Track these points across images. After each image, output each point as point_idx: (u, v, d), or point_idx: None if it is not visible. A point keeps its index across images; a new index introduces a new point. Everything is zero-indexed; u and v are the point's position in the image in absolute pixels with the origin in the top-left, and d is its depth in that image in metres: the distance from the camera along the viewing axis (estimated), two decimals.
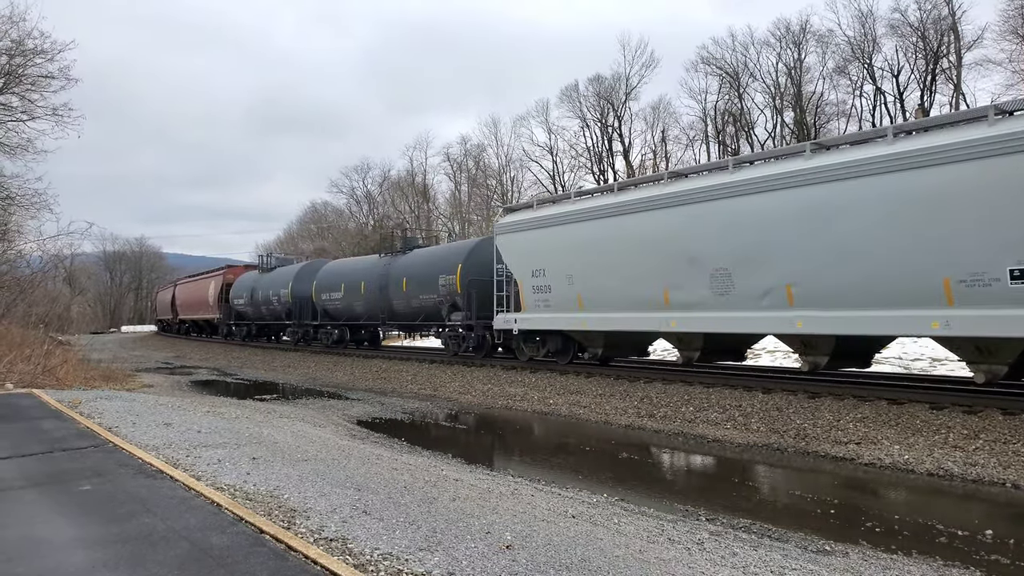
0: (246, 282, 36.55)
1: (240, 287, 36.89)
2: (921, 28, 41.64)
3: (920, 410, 10.24)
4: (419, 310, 22.63)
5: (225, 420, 10.93)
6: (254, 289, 34.59)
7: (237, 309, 37.11)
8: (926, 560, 5.59)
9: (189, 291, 48.08)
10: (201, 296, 43.83)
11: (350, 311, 26.79)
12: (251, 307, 34.96)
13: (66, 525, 4.99)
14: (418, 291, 22.29)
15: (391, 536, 4.81)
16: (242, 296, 36.11)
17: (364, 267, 26.61)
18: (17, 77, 21.65)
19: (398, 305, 23.59)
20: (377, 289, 24.36)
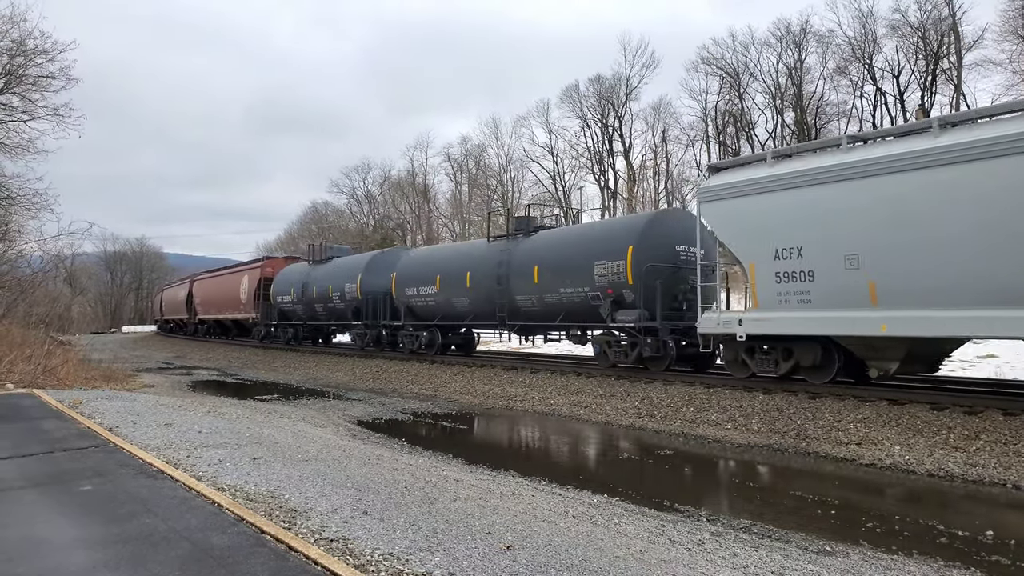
0: (293, 276, 30.71)
1: (285, 282, 30.94)
2: (921, 28, 41.65)
3: (921, 411, 10.24)
4: (558, 307, 17.59)
5: (226, 420, 10.93)
6: (305, 284, 28.75)
7: (282, 307, 30.92)
8: (927, 561, 5.59)
9: (213, 288, 41.95)
10: (230, 293, 37.81)
11: (447, 309, 21.27)
12: (301, 305, 29.15)
13: (67, 525, 4.99)
14: (558, 282, 17.31)
15: (392, 536, 4.81)
16: (288, 292, 30.22)
17: (468, 254, 21.25)
18: (18, 77, 21.67)
19: (525, 301, 18.25)
20: (491, 281, 19.21)
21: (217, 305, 40.64)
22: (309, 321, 29.54)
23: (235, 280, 37.57)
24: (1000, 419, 9.45)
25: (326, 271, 28.15)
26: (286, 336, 31.44)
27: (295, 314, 30.18)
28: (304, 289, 28.78)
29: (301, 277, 29.67)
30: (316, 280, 28.28)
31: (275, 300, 31.37)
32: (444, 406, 15.39)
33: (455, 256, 21.82)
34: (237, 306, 36.83)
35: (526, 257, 18.43)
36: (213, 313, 41.57)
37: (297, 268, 31.67)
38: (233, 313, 37.82)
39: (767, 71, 50.48)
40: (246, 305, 35.34)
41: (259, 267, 34.79)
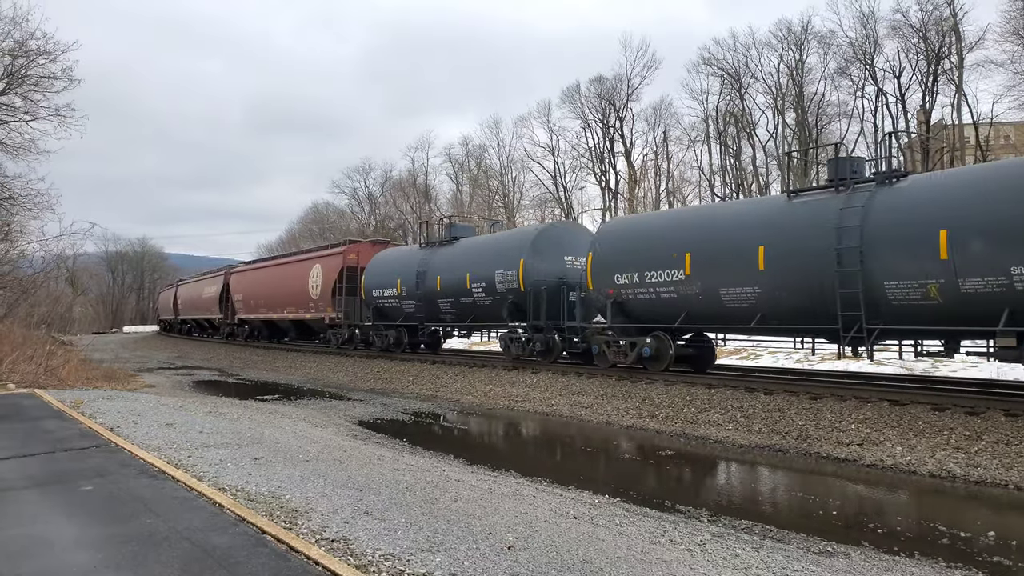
0: (397, 264, 23.99)
1: (384, 271, 24.31)
2: (923, 29, 41.59)
3: (922, 411, 10.22)
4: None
5: (227, 420, 10.94)
6: (422, 273, 22.01)
7: (381, 304, 24.25)
8: (928, 561, 5.58)
9: (265, 281, 33.93)
10: (293, 287, 29.81)
11: (712, 305, 13.84)
12: (414, 301, 22.46)
13: (68, 525, 4.99)
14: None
15: (393, 537, 4.81)
16: (391, 284, 23.54)
17: (740, 221, 13.79)
18: (20, 78, 21.71)
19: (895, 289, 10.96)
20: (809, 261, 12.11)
21: (271, 302, 32.44)
22: (428, 321, 22.67)
23: (300, 271, 29.61)
24: (1002, 420, 9.44)
25: (454, 255, 21.36)
26: (384, 341, 24.46)
27: (401, 312, 23.51)
28: (420, 280, 21.93)
29: (412, 264, 22.71)
30: (438, 268, 21.55)
31: (369, 295, 24.61)
32: (445, 406, 15.39)
33: (714, 225, 14.34)
34: (304, 303, 29.00)
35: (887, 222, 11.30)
36: (264, 312, 33.43)
37: (401, 254, 25.07)
38: (298, 312, 29.70)
39: (768, 71, 50.43)
40: (319, 302, 27.63)
41: (339, 253, 27.14)
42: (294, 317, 30.57)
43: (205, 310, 43.23)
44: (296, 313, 30.06)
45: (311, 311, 28.58)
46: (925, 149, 41.66)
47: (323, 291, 27.29)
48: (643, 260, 14.98)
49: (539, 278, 18.06)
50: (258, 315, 34.55)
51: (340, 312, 26.36)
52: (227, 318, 39.04)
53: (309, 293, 28.51)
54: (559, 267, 18.54)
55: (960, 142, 41.79)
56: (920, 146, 42.19)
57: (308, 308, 28.84)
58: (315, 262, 28.93)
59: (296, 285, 29.64)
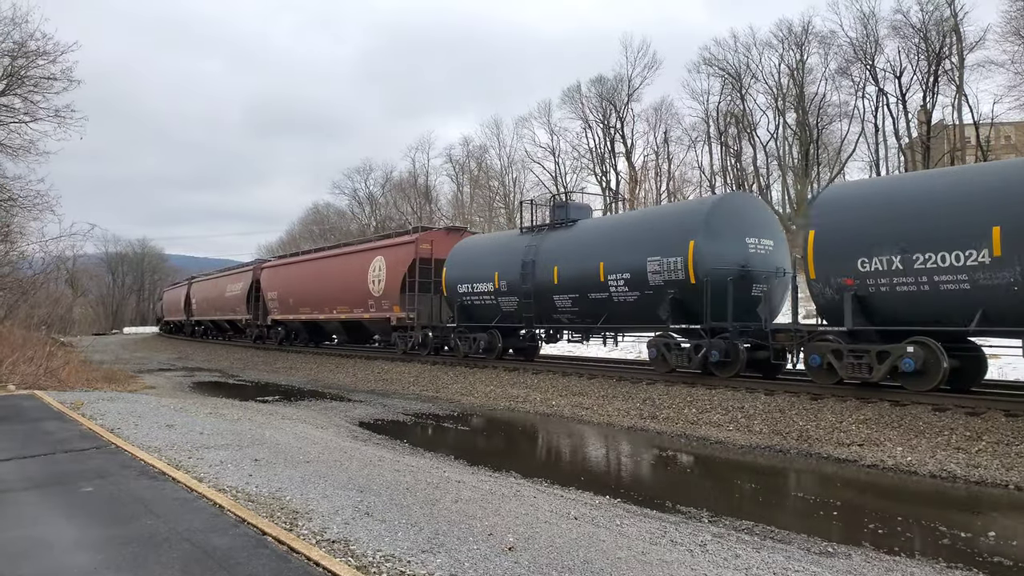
0: (493, 252, 19.83)
1: (472, 262, 20.29)
2: (923, 29, 41.63)
3: (923, 412, 10.22)
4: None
5: (227, 421, 10.94)
6: (530, 263, 17.83)
7: (469, 302, 20.19)
8: (929, 562, 5.57)
9: (306, 276, 29.58)
10: (347, 284, 25.67)
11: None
12: (518, 297, 18.21)
13: (68, 527, 4.99)
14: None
15: (393, 538, 4.81)
16: (483, 279, 19.48)
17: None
18: (20, 79, 21.71)
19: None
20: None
21: (316, 301, 28.33)
22: (540, 322, 18.21)
23: (357, 264, 25.44)
24: (1002, 420, 9.43)
25: (576, 240, 17.19)
26: (472, 346, 20.15)
27: (497, 312, 19.32)
28: (528, 272, 17.80)
29: (514, 253, 18.56)
30: (553, 256, 17.33)
31: (453, 292, 20.62)
32: (446, 407, 15.39)
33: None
34: (360, 301, 24.94)
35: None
36: (306, 312, 29.28)
37: (496, 241, 21.26)
38: (353, 312, 25.57)
39: (769, 72, 50.53)
40: (381, 300, 23.69)
41: (410, 242, 22.94)
42: (348, 318, 26.13)
43: (228, 310, 38.49)
44: (350, 313, 25.76)
45: (371, 311, 24.39)
46: (926, 149, 41.67)
47: (388, 287, 23.26)
48: (909, 237, 10.71)
49: (716, 266, 13.60)
50: (297, 316, 30.12)
51: (411, 311, 22.06)
52: (257, 319, 34.35)
53: (369, 289, 24.27)
54: (740, 251, 14.07)
55: (961, 142, 41.83)
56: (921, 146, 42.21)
57: (367, 307, 24.61)
58: (377, 253, 24.52)
59: (351, 281, 25.31)
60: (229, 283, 38.92)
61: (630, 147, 57.00)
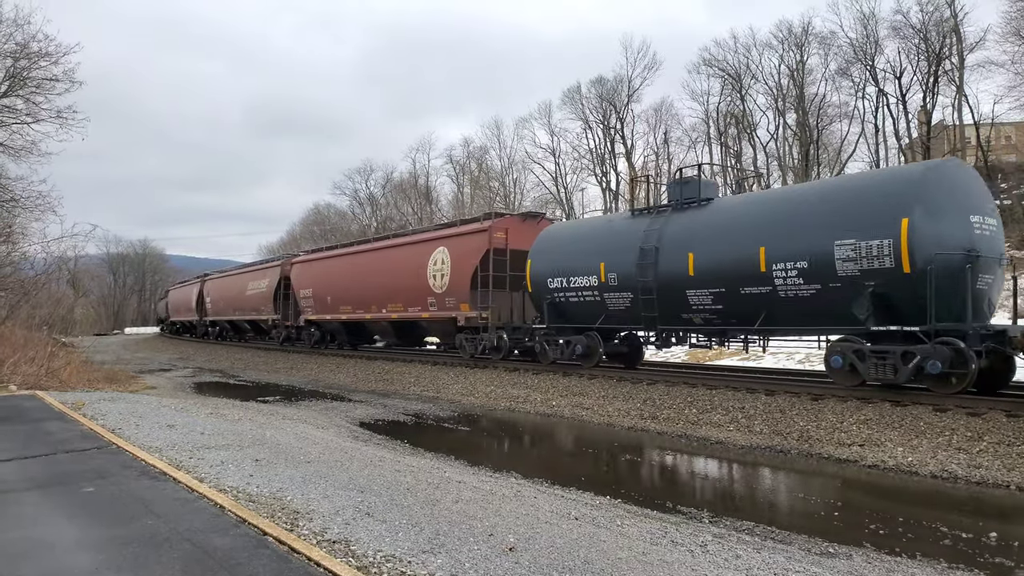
0: (595, 239, 16.70)
1: (566, 251, 17.13)
2: (923, 30, 41.59)
3: (924, 412, 10.21)
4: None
5: (228, 422, 10.94)
6: (649, 252, 14.69)
7: (562, 300, 17.08)
8: (930, 563, 5.57)
9: (343, 273, 26.72)
10: (401, 280, 22.74)
11: None
12: (633, 292, 15.14)
13: (69, 527, 5.00)
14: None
15: (394, 538, 4.81)
16: (583, 271, 16.38)
17: None
18: (22, 80, 21.72)
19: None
20: None
21: (360, 299, 25.29)
22: (665, 323, 14.80)
23: (413, 258, 22.43)
24: (1003, 421, 9.42)
25: (718, 221, 13.95)
26: (566, 350, 16.95)
27: (603, 310, 16.16)
28: (647, 262, 14.59)
29: (627, 239, 15.40)
30: (684, 242, 14.20)
31: (541, 288, 17.59)
32: (446, 408, 15.39)
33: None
34: (419, 299, 21.98)
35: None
36: (349, 312, 26.17)
37: (597, 226, 17.71)
38: (407, 310, 22.70)
39: (769, 72, 50.46)
40: (445, 297, 20.78)
41: (481, 231, 19.88)
42: (401, 318, 23.24)
43: (250, 310, 35.07)
44: (404, 312, 22.89)
45: (432, 309, 21.46)
46: (926, 149, 41.65)
47: (454, 282, 20.29)
48: None
49: (939, 251, 10.75)
50: (336, 316, 26.93)
51: (483, 310, 19.22)
52: (286, 319, 31.22)
53: (429, 286, 21.28)
54: (965, 232, 11.09)
55: (961, 143, 41.82)
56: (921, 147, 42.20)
57: (426, 305, 21.69)
58: (438, 244, 21.51)
59: (406, 276, 22.35)
60: (251, 280, 35.30)
61: (630, 148, 57.00)
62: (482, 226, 20.15)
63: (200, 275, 48.21)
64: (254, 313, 34.81)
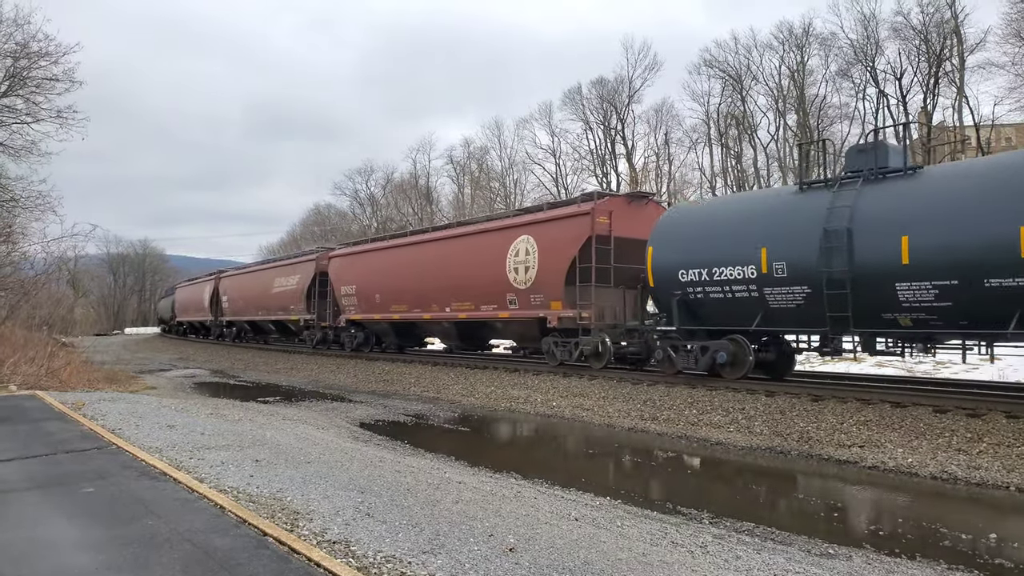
0: (748, 220, 13.46)
1: (707, 234, 14.07)
2: (924, 31, 41.61)
3: (924, 413, 10.22)
4: None
5: (228, 422, 10.94)
6: (836, 234, 11.62)
7: (699, 295, 13.94)
8: (930, 563, 5.57)
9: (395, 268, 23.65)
10: (471, 274, 19.88)
11: None
12: (811, 287, 12.05)
13: (69, 527, 5.00)
14: None
15: (394, 539, 4.81)
16: (734, 259, 13.21)
17: None
18: (22, 79, 21.72)
19: None
20: None
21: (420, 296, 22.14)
22: (863, 324, 11.69)
23: (488, 248, 19.44)
24: (1003, 422, 9.43)
25: (940, 195, 10.99)
26: (702, 358, 13.90)
27: (760, 308, 12.95)
28: (835, 246, 11.65)
29: (795, 219, 12.56)
30: (896, 222, 11.18)
31: (670, 281, 14.19)
32: (446, 408, 15.39)
33: None
34: (495, 295, 19.00)
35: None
36: (404, 310, 23.07)
37: (752, 204, 14.34)
38: (479, 308, 19.69)
39: (769, 73, 50.49)
40: (531, 293, 17.81)
41: (581, 215, 16.76)
42: (471, 317, 20.18)
43: (277, 309, 31.66)
44: (475, 311, 19.85)
45: (512, 308, 18.46)
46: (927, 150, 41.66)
47: (543, 276, 17.35)
48: None
49: None
50: (387, 315, 23.94)
51: (584, 309, 16.32)
52: (322, 320, 27.92)
53: (509, 281, 18.27)
54: None
55: (962, 144, 41.82)
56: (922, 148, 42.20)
57: (505, 304, 18.67)
58: (520, 232, 18.38)
59: (479, 271, 19.41)
60: (278, 276, 31.76)
61: (631, 148, 57.02)
62: (581, 208, 16.97)
63: (214, 272, 44.50)
64: (281, 313, 31.45)
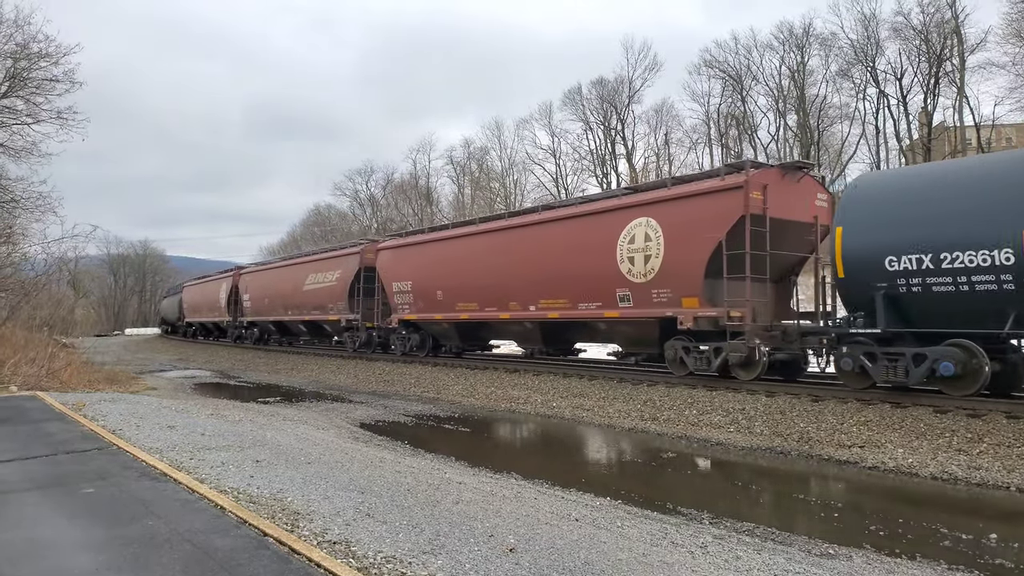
0: (987, 191, 10.13)
1: (918, 211, 10.79)
2: (924, 31, 41.65)
3: (924, 414, 10.22)
4: None
5: (228, 423, 10.95)
6: None
7: (910, 289, 10.71)
8: (930, 564, 5.57)
9: (465, 261, 20.42)
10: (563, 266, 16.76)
11: None
12: None
13: (70, 528, 5.00)
14: None
15: (394, 539, 4.82)
16: (974, 242, 10.03)
17: None
18: (22, 80, 21.72)
19: None
20: None
21: (494, 293, 18.93)
22: None
23: (591, 234, 16.13)
24: (1003, 422, 9.43)
25: None
26: (922, 368, 10.65)
27: (1014, 306, 9.87)
28: None
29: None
30: None
31: (869, 271, 11.20)
32: (446, 409, 15.39)
33: None
34: (601, 292, 15.76)
35: None
36: (474, 308, 19.81)
37: (984, 170, 10.81)
38: (579, 307, 16.40)
39: (770, 74, 50.61)
40: (652, 288, 14.60)
41: (731, 189, 13.52)
42: (564, 316, 16.76)
43: (312, 308, 28.58)
44: (570, 310, 16.53)
45: (625, 306, 15.15)
46: (927, 151, 41.66)
47: (670, 266, 14.11)
48: None
49: None
50: (452, 315, 20.68)
51: (731, 307, 13.23)
52: (368, 319, 25.23)
53: (621, 273, 15.01)
54: None
55: (962, 144, 41.82)
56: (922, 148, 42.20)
57: (614, 301, 15.35)
58: (636, 214, 14.95)
59: (578, 261, 16.11)
60: (313, 272, 28.58)
61: (631, 149, 57.06)
62: (729, 182, 13.50)
63: (230, 268, 41.87)
64: (316, 313, 28.27)
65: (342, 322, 26.65)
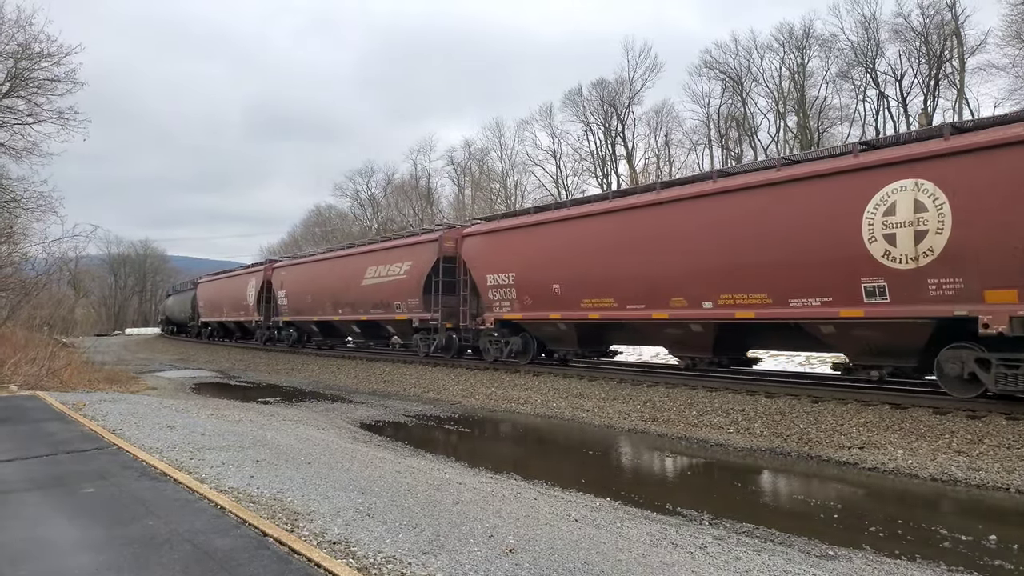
0: None
1: None
2: (924, 33, 41.65)
3: (924, 415, 10.22)
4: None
5: (229, 423, 10.95)
6: None
7: None
8: (930, 565, 5.58)
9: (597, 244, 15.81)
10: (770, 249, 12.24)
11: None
12: None
13: (70, 527, 5.01)
14: None
15: (394, 539, 4.82)
16: None
17: None
18: (23, 80, 21.74)
19: None
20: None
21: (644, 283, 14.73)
22: None
23: (807, 203, 11.84)
24: (1003, 423, 9.43)
25: None
26: None
27: None
28: None
29: None
30: None
31: None
32: (446, 409, 15.39)
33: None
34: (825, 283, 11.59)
35: None
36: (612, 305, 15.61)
37: None
38: (794, 304, 12.10)
39: (770, 75, 50.57)
40: (932, 278, 10.31)
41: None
42: (766, 316, 12.68)
43: (372, 306, 24.47)
44: (773, 307, 12.53)
45: (871, 302, 11.10)
46: None
47: (962, 245, 10.00)
48: None
49: None
50: (575, 313, 16.63)
51: None
52: (448, 319, 21.22)
53: (869, 254, 10.98)
54: None
55: None
56: None
57: (855, 295, 11.24)
58: (896, 176, 10.72)
59: (789, 239, 12.12)
60: (375, 264, 24.47)
61: (631, 150, 57.06)
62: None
63: (261, 262, 38.19)
64: (379, 311, 24.14)
65: (414, 322, 22.39)
